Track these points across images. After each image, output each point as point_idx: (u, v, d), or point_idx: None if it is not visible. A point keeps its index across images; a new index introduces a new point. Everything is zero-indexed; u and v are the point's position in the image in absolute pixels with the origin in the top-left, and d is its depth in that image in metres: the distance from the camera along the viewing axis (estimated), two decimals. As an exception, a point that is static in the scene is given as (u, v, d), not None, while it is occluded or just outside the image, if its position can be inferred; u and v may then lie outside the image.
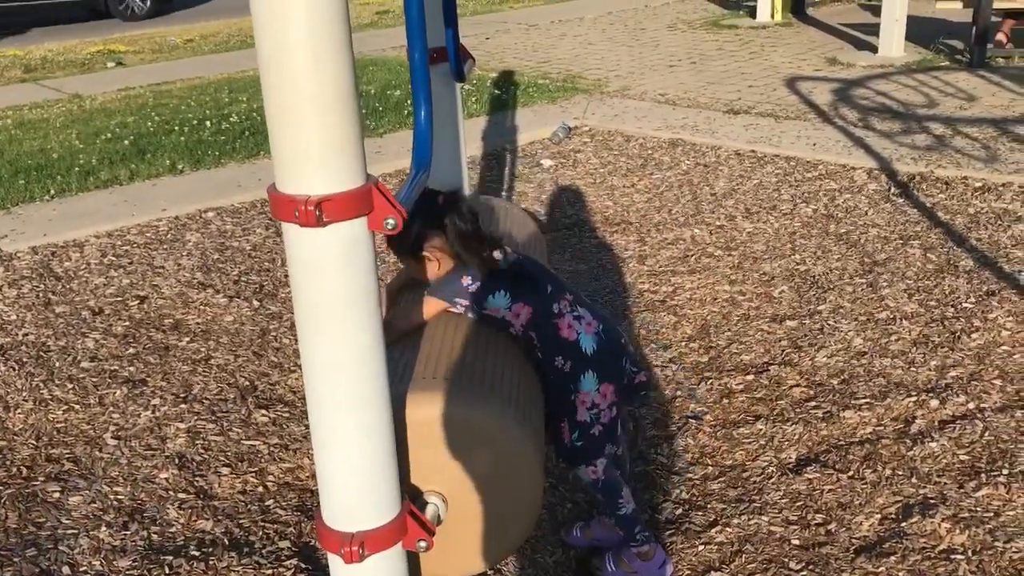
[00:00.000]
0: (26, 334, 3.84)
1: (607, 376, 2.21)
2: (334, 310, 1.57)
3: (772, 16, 10.63)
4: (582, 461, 2.26)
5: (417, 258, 2.17)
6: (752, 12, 10.92)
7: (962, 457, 2.78)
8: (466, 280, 2.13)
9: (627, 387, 2.29)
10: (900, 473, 2.73)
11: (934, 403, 3.05)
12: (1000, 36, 7.99)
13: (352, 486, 1.68)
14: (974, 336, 3.45)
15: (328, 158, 1.48)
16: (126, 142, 6.52)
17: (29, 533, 2.63)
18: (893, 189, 5.01)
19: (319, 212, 1.47)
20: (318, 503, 1.75)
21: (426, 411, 1.94)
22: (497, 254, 2.17)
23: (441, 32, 2.93)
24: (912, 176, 5.14)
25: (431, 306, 2.14)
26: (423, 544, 1.78)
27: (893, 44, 8.24)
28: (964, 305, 3.69)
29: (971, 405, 3.03)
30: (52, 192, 5.56)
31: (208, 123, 6.96)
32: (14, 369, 3.54)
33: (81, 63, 10.33)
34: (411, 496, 1.90)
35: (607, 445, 2.25)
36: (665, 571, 2.42)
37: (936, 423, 2.95)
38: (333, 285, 1.55)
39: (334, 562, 1.75)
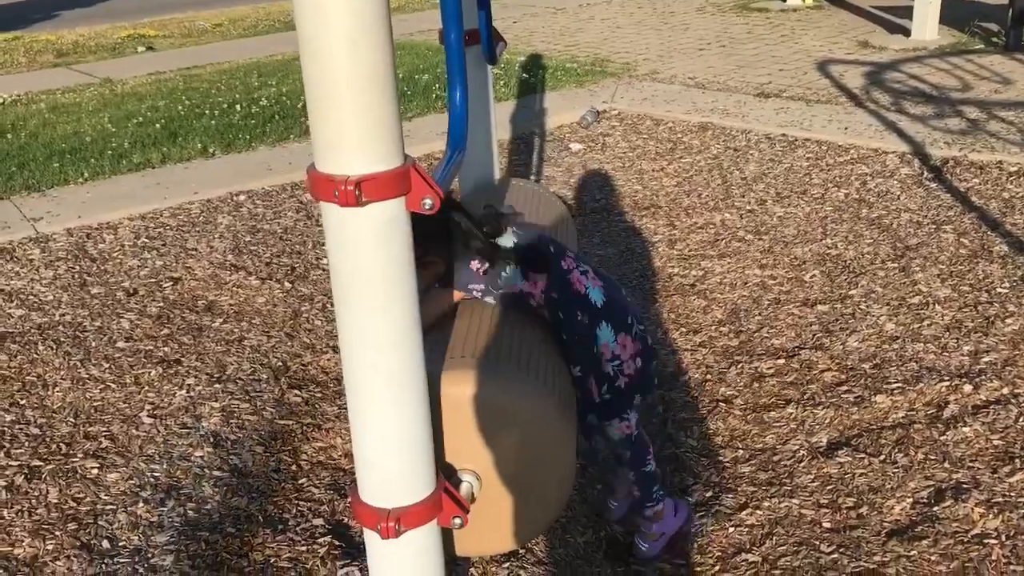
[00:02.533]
0: (63, 314, 3.90)
1: (622, 327, 2.20)
2: (372, 288, 1.59)
3: (803, -1, 10.52)
4: (614, 415, 2.26)
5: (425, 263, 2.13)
6: (782, -5, 10.80)
7: (995, 442, 2.76)
8: (474, 264, 2.13)
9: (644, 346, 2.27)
10: (932, 458, 2.72)
11: (967, 388, 3.03)
12: (1037, 18, 7.86)
13: (389, 462, 1.70)
14: (1008, 322, 3.42)
15: (367, 138, 1.49)
16: (157, 126, 6.58)
17: (69, 508, 2.68)
18: (926, 173, 4.96)
19: (358, 192, 1.49)
20: (353, 480, 1.78)
21: (461, 389, 1.95)
22: (501, 240, 2.16)
23: (474, 14, 2.93)
24: (945, 160, 5.09)
25: (447, 297, 2.15)
26: (458, 521, 1.80)
27: (927, 27, 8.12)
28: (998, 290, 3.66)
29: (1005, 390, 3.00)
30: (86, 175, 5.63)
31: (238, 107, 7.00)
32: (52, 348, 3.60)
33: (112, 47, 10.41)
34: (446, 473, 1.92)
35: (636, 396, 2.26)
36: (683, 516, 2.46)
37: (969, 408, 2.93)
38: (371, 264, 1.57)
39: (370, 538, 1.78)
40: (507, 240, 2.16)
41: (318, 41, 1.44)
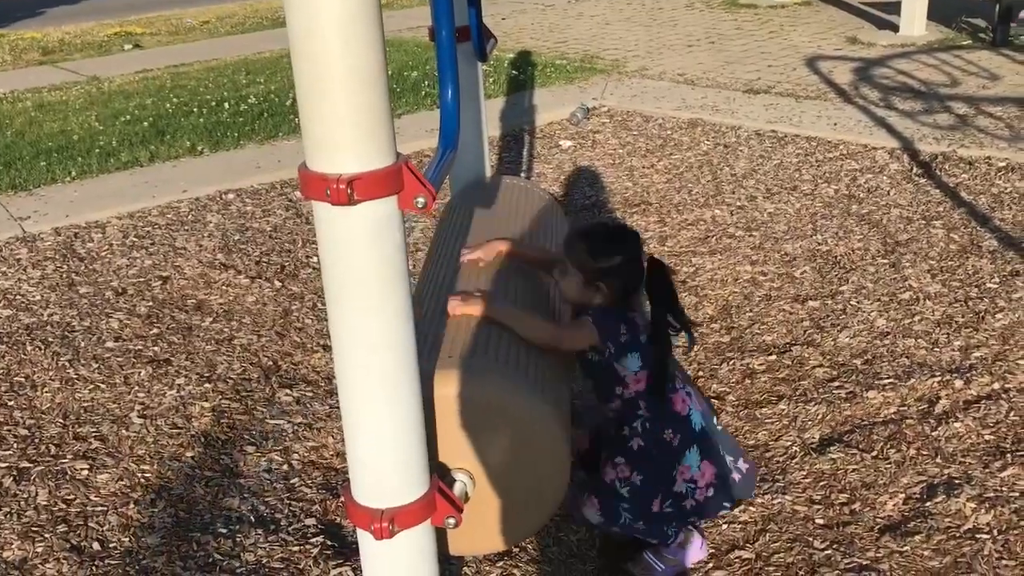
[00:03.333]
0: (51, 314, 3.87)
1: (709, 455, 2.26)
2: (364, 288, 1.58)
3: (791, -5, 10.53)
4: (660, 535, 2.30)
5: (590, 282, 2.23)
6: (771, -9, 10.81)
7: (987, 437, 2.77)
8: (622, 329, 2.21)
9: (729, 481, 2.31)
10: (924, 453, 2.73)
11: (958, 383, 3.03)
12: (1024, 14, 7.89)
13: (382, 462, 1.69)
14: (998, 316, 3.44)
15: (359, 137, 1.48)
16: (145, 124, 6.54)
17: (59, 510, 2.67)
18: (915, 169, 4.97)
19: (350, 190, 1.48)
20: (346, 480, 1.77)
21: (454, 389, 1.95)
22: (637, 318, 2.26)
23: (464, 11, 2.93)
24: (935, 156, 5.10)
25: (587, 338, 2.21)
26: (452, 520, 1.80)
27: (915, 23, 8.14)
28: (988, 285, 3.67)
29: (996, 385, 3.01)
30: (73, 173, 5.59)
31: (226, 105, 6.97)
32: (40, 349, 3.57)
33: (98, 45, 10.35)
34: (439, 473, 1.92)
35: (692, 517, 2.31)
36: (703, 549, 2.43)
37: (961, 403, 2.94)
38: (363, 263, 1.56)
39: (364, 538, 1.77)
40: (643, 335, 2.23)
41: (309, 39, 1.43)
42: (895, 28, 8.36)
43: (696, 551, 2.40)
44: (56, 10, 13.80)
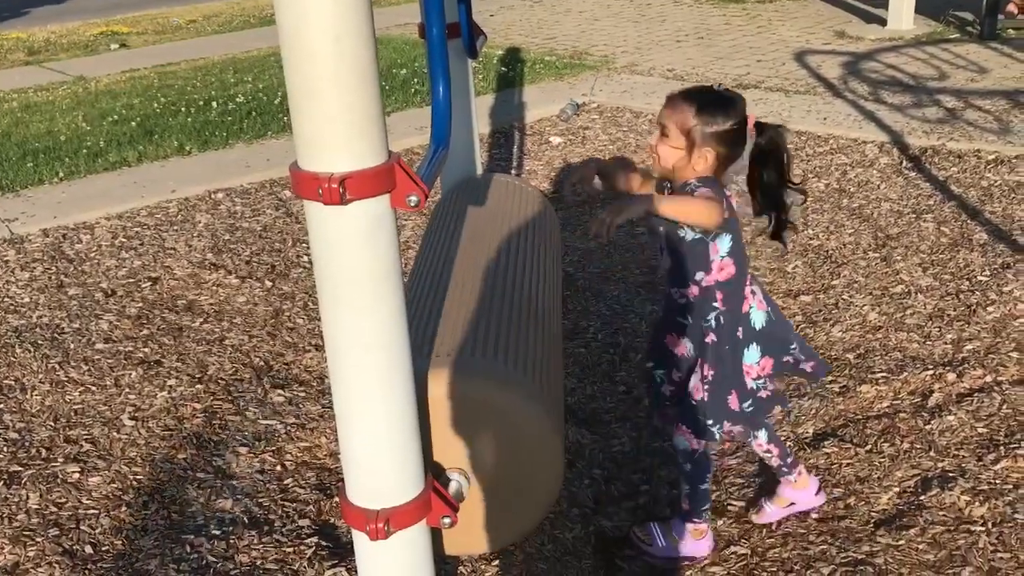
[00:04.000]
0: (40, 316, 3.85)
1: (769, 351, 2.25)
2: (357, 287, 1.57)
3: (779, -10, 10.53)
4: (757, 427, 2.32)
5: (696, 148, 2.10)
6: (759, -14, 10.81)
7: (980, 430, 2.78)
8: (726, 204, 2.10)
9: (794, 368, 2.32)
10: (918, 446, 2.73)
11: (951, 376, 3.04)
12: (1011, 7, 7.91)
13: (377, 463, 1.68)
14: (990, 309, 3.44)
15: (351, 135, 1.47)
16: (133, 124, 6.50)
17: (51, 513, 2.65)
18: (905, 163, 4.98)
19: (342, 189, 1.47)
20: (341, 481, 1.76)
21: (448, 388, 1.94)
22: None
23: (454, 8, 2.91)
24: (924, 149, 5.11)
25: (721, 210, 2.06)
26: (447, 520, 1.79)
27: (903, 16, 8.16)
28: (979, 278, 3.68)
29: (988, 378, 3.02)
30: (61, 174, 5.55)
31: (214, 104, 6.94)
32: (29, 351, 3.55)
33: (84, 45, 10.28)
34: (434, 473, 1.91)
35: (773, 406, 2.32)
36: (707, 548, 2.43)
37: (953, 396, 2.95)
38: (356, 262, 1.55)
39: (359, 539, 1.76)
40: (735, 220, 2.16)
41: (300, 36, 1.42)
42: (883, 22, 8.38)
43: (699, 546, 2.41)
44: (41, 10, 13.71)
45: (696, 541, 2.40)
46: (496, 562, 2.42)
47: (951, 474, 2.60)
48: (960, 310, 3.46)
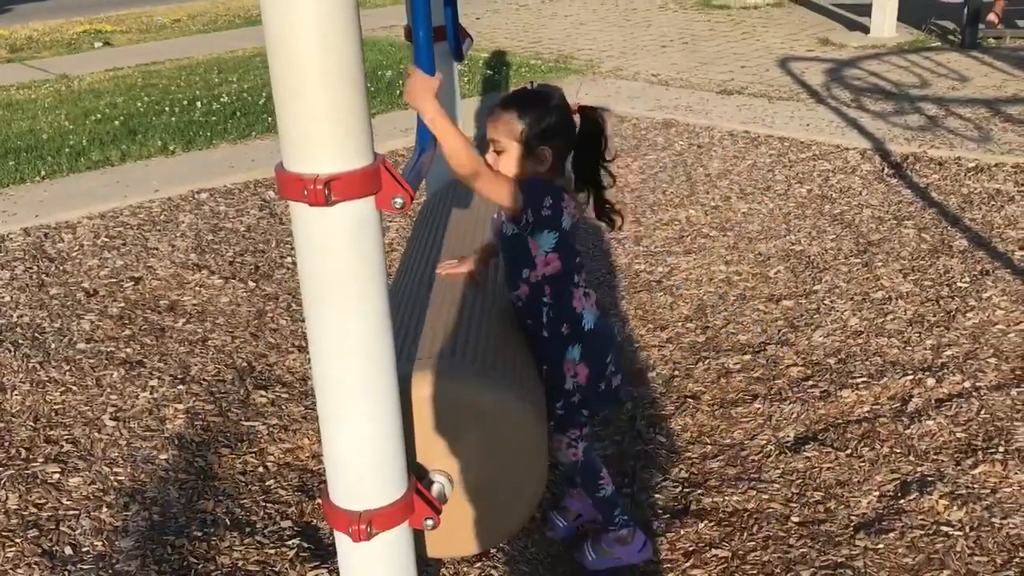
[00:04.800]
0: (20, 316, 3.82)
1: (590, 357, 2.17)
2: (341, 289, 1.57)
3: (763, -4, 10.60)
4: (564, 428, 2.23)
5: (531, 151, 2.06)
6: (743, -8, 10.88)
7: (959, 435, 2.81)
8: (547, 201, 2.06)
9: (606, 389, 2.24)
10: (898, 451, 2.76)
11: (930, 382, 3.07)
12: (992, 16, 8.00)
13: (360, 464, 1.68)
14: (969, 315, 3.48)
15: (336, 137, 1.47)
16: (116, 123, 6.47)
17: (30, 514, 2.63)
18: (887, 169, 5.02)
19: (327, 191, 1.47)
20: (324, 482, 1.76)
21: (431, 390, 1.94)
22: (570, 204, 2.12)
23: (440, 11, 2.92)
24: (905, 156, 5.15)
25: (506, 196, 2.02)
26: (430, 522, 1.79)
27: (885, 24, 8.23)
28: (959, 285, 3.72)
29: (967, 384, 3.05)
30: (43, 173, 5.52)
31: (199, 104, 6.91)
32: (10, 351, 3.52)
33: (67, 43, 10.22)
34: (417, 474, 1.91)
35: (583, 414, 2.23)
36: (645, 553, 2.40)
37: (932, 401, 2.97)
38: (341, 263, 1.55)
39: (341, 540, 1.76)
40: (566, 218, 2.10)
41: (286, 37, 1.42)
42: (866, 30, 8.45)
43: (629, 552, 2.37)
44: (24, 7, 13.62)
45: (625, 547, 2.37)
46: (479, 564, 2.43)
47: (930, 478, 2.63)
48: (940, 316, 3.49)
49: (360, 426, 1.66)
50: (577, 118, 2.14)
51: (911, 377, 3.10)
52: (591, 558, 2.40)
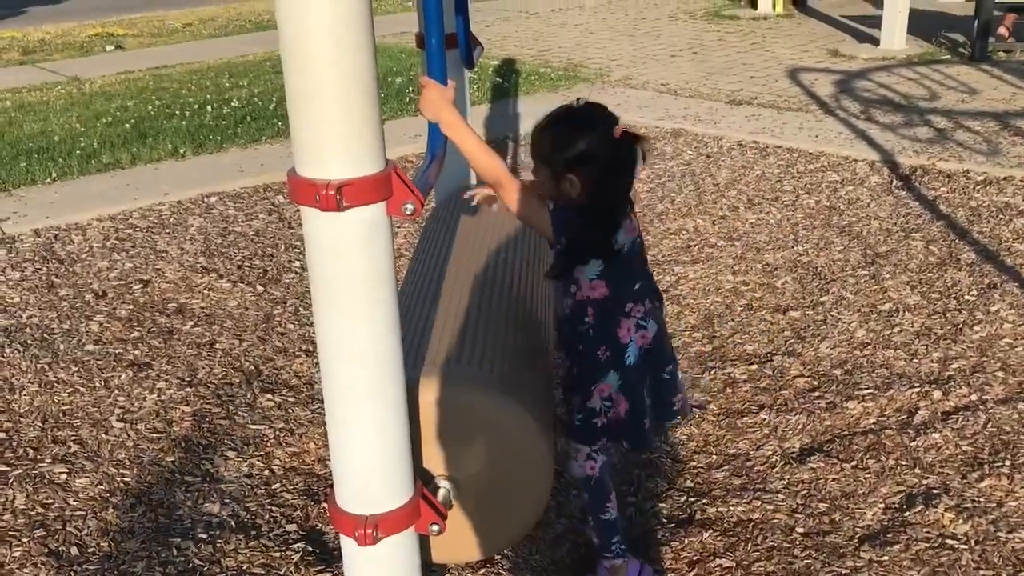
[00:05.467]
0: (30, 316, 3.84)
1: (628, 390, 2.11)
2: (351, 294, 1.58)
3: (773, 7, 10.62)
4: (576, 439, 2.17)
5: (559, 176, 1.99)
6: (753, 3, 10.90)
7: (965, 448, 2.80)
8: (578, 228, 1.99)
9: (658, 409, 2.21)
10: (903, 463, 2.76)
11: (937, 394, 3.06)
12: (1002, 30, 8.00)
13: (367, 469, 1.69)
14: (976, 329, 3.47)
15: (348, 143, 1.48)
16: (127, 125, 6.50)
17: (37, 514, 2.64)
18: (895, 181, 5.02)
19: (339, 196, 1.48)
20: (330, 486, 1.77)
21: (439, 396, 1.95)
22: (620, 236, 2.05)
23: (452, 19, 2.93)
24: (914, 169, 5.15)
25: (539, 220, 1.98)
26: (435, 527, 1.80)
27: (895, 37, 8.24)
28: (966, 298, 3.71)
29: (974, 397, 3.05)
30: (54, 175, 5.55)
31: (209, 108, 6.94)
32: (19, 351, 3.54)
33: (79, 46, 10.28)
34: (423, 480, 1.91)
35: (603, 439, 2.16)
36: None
37: (939, 414, 2.97)
38: (351, 269, 1.56)
39: (347, 545, 1.76)
40: (621, 236, 2.04)
41: (300, 42, 1.43)
42: (875, 42, 8.45)
43: None
44: (38, 9, 13.70)
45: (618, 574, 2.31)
46: (483, 570, 2.43)
47: (935, 491, 2.63)
48: (947, 329, 3.49)
49: (368, 431, 1.67)
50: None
51: (918, 389, 3.10)
52: None
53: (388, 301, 1.61)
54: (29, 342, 3.62)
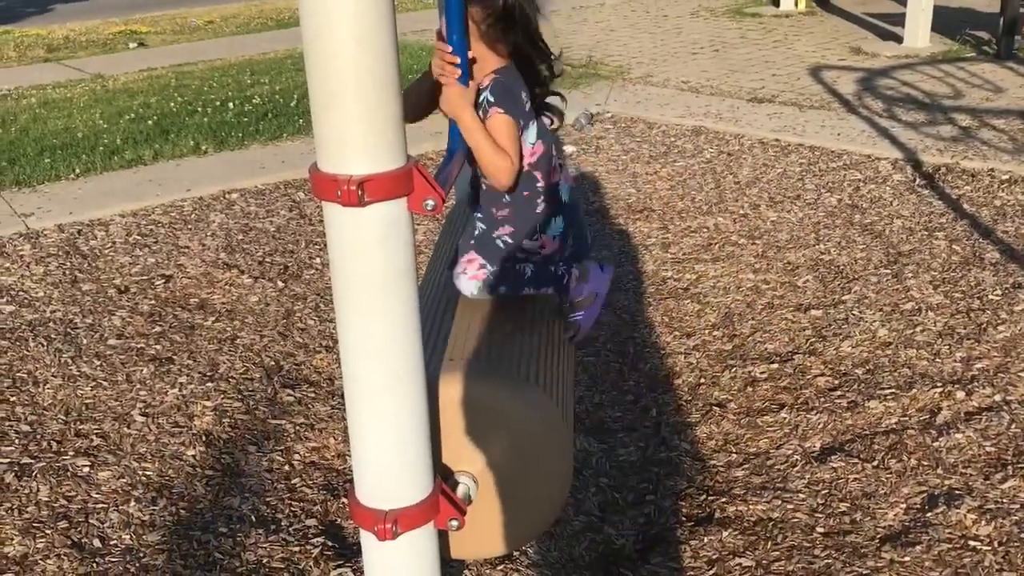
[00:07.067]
0: (54, 311, 3.87)
1: (568, 231, 2.13)
2: (372, 289, 1.58)
3: (796, 4, 10.55)
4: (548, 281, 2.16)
5: (490, 41, 2.00)
6: (775, 0, 10.84)
7: (988, 449, 2.78)
8: (524, 96, 2.02)
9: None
10: (925, 463, 2.73)
11: (960, 394, 3.04)
12: (1028, 27, 7.91)
13: (387, 464, 1.69)
14: (1000, 328, 3.44)
15: (370, 139, 1.49)
16: (150, 122, 6.55)
17: (60, 506, 2.67)
18: (918, 180, 4.98)
19: (361, 192, 1.48)
20: (348, 482, 1.77)
21: (459, 391, 1.95)
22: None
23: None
24: (937, 167, 5.11)
25: (509, 129, 1.97)
26: (455, 523, 1.80)
27: (919, 34, 8.16)
28: (990, 297, 3.68)
29: (997, 397, 3.02)
30: (77, 171, 5.60)
31: (231, 104, 6.98)
32: (43, 345, 3.58)
33: (103, 43, 10.36)
34: (443, 475, 1.92)
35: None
36: (606, 272, 2.19)
37: (962, 414, 2.95)
38: (372, 264, 1.56)
39: (367, 539, 1.77)
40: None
41: (323, 39, 1.43)
42: (899, 39, 8.38)
43: (599, 280, 2.18)
44: (65, 7, 13.83)
45: (581, 284, 2.17)
46: (501, 566, 2.43)
47: (958, 492, 2.60)
48: (970, 328, 3.46)
49: (387, 426, 1.67)
50: None
51: (940, 389, 3.08)
52: (580, 317, 2.20)
53: (408, 296, 1.61)
54: (53, 336, 3.65)
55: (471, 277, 2.16)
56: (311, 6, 1.43)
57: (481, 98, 2.01)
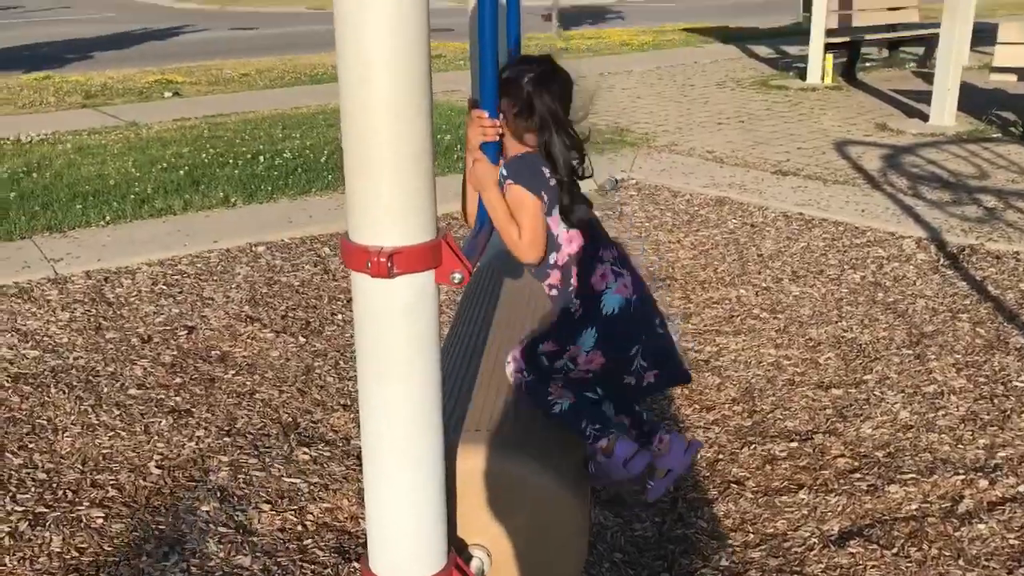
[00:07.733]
0: (76, 358, 3.90)
1: (608, 349, 2.02)
2: (396, 357, 1.59)
3: (822, 79, 10.66)
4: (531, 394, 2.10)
5: (523, 115, 2.04)
6: (802, 74, 10.95)
7: (1012, 541, 2.72)
8: (546, 172, 2.02)
9: (632, 380, 2.08)
10: (947, 553, 2.68)
11: (983, 483, 2.99)
12: (1054, 110, 7.94)
13: (402, 536, 1.69)
14: (1024, 416, 3.40)
15: (402, 212, 1.51)
16: (181, 172, 6.66)
17: (72, 558, 2.66)
18: (943, 260, 4.97)
19: (390, 264, 1.50)
20: (361, 546, 1.76)
21: (476, 463, 1.94)
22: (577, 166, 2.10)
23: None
24: (962, 248, 5.10)
25: (523, 199, 1.99)
26: (467, 598, 1.78)
27: (945, 113, 8.21)
28: (1015, 384, 3.64)
29: (1021, 488, 2.97)
30: (107, 218, 5.68)
31: (262, 158, 7.09)
32: (64, 392, 3.60)
33: (139, 91, 10.58)
34: (456, 547, 1.90)
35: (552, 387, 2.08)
36: (633, 466, 2.05)
37: (985, 504, 2.90)
38: (398, 335, 1.58)
39: (378, 610, 1.75)
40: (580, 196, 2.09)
41: (360, 114, 1.47)
42: (925, 117, 8.43)
43: (620, 466, 2.05)
44: (104, 55, 14.17)
45: (608, 459, 2.07)
46: (511, 641, 2.39)
47: (980, 584, 2.55)
48: (994, 415, 3.42)
49: (405, 496, 1.66)
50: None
51: (963, 477, 3.03)
52: (591, 471, 2.13)
53: (432, 366, 1.62)
54: (74, 383, 3.68)
55: (510, 373, 2.17)
56: (351, 82, 1.47)
57: (500, 176, 2.05)
